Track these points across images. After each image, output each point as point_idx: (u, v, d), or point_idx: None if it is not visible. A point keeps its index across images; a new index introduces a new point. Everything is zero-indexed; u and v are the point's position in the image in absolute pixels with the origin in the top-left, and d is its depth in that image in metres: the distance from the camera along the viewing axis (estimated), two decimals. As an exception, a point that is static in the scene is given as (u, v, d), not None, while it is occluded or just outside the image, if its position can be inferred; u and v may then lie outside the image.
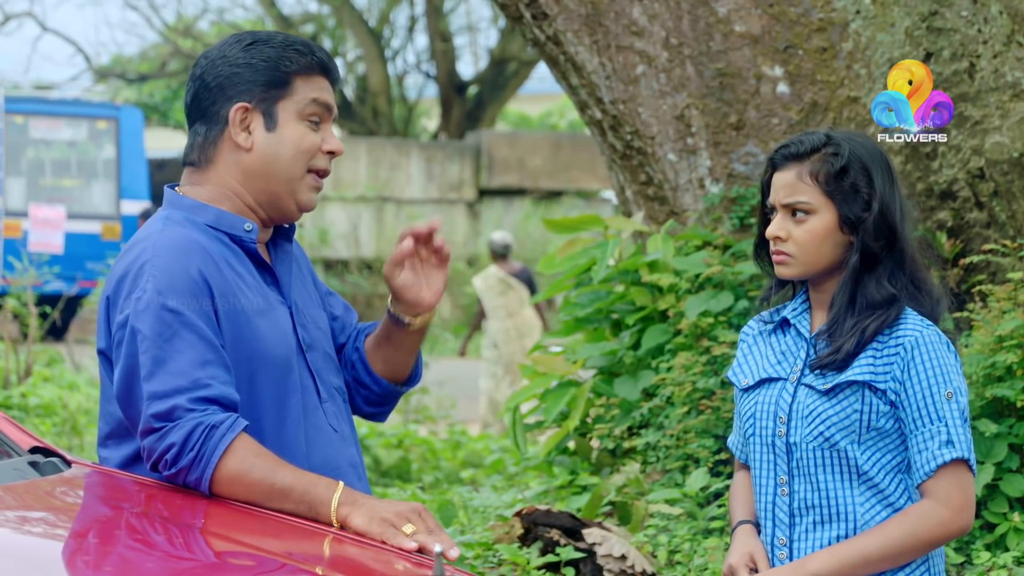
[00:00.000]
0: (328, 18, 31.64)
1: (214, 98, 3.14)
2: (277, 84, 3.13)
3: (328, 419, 3.19)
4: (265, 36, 3.18)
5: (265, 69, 3.13)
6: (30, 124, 21.95)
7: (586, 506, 5.93)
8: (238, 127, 3.13)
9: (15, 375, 11.41)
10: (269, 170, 3.13)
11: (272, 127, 3.13)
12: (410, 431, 10.85)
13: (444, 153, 25.94)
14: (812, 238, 3.27)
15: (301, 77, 3.14)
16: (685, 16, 6.46)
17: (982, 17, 5.96)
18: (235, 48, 3.15)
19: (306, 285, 3.32)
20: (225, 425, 2.91)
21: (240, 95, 3.12)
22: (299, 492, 2.90)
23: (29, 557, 2.54)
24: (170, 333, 2.96)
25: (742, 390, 3.40)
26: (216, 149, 3.15)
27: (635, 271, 6.36)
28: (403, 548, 2.79)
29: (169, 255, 3.03)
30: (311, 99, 3.14)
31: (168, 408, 2.92)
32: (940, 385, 3.20)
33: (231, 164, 3.14)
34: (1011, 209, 5.96)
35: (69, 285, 19.10)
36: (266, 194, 3.15)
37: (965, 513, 3.21)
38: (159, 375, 2.93)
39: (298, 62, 3.14)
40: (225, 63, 3.14)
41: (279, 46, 3.15)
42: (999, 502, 5.18)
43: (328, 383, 3.24)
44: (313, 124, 3.16)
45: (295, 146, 3.13)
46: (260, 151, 3.13)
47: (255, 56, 3.14)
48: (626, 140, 6.57)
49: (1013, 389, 5.16)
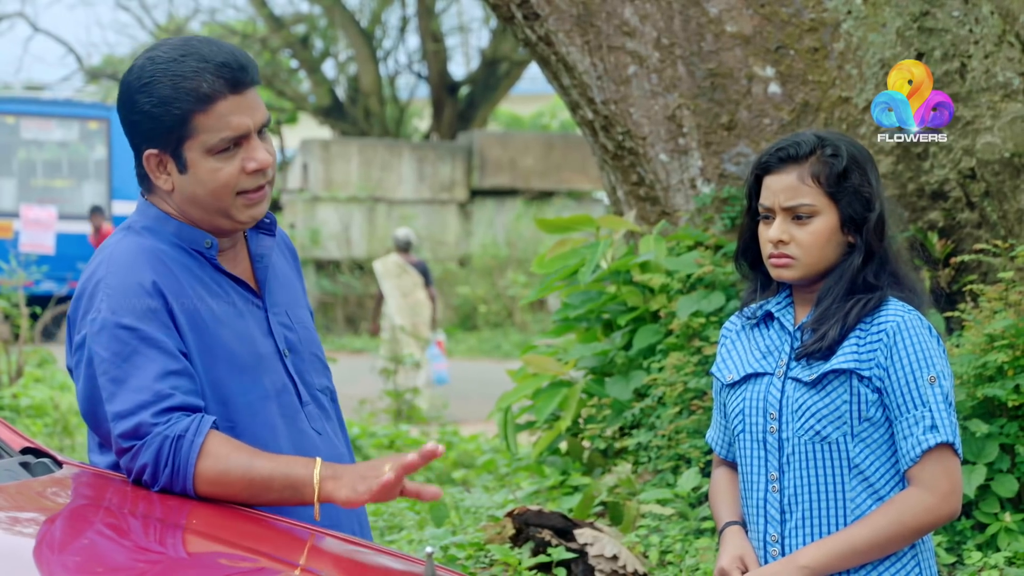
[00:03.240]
0: (320, 18, 31.63)
1: (131, 139, 3.08)
2: (176, 127, 3.01)
3: (311, 422, 3.16)
4: (161, 67, 3.01)
5: (160, 116, 3.00)
6: (21, 125, 21.95)
7: (578, 506, 5.93)
8: (156, 172, 3.07)
9: (6, 376, 11.40)
10: (196, 203, 3.07)
11: (183, 170, 3.04)
12: (401, 432, 10.85)
13: (436, 153, 25.93)
14: (816, 240, 3.28)
15: (200, 114, 3.00)
16: (676, 16, 6.46)
17: (973, 17, 5.97)
18: (135, 88, 3.02)
19: (291, 283, 3.29)
20: (191, 431, 2.88)
21: (147, 143, 3.04)
22: (279, 479, 2.88)
23: (20, 557, 2.54)
24: (128, 351, 2.93)
25: (727, 386, 3.40)
26: (150, 183, 3.11)
27: (627, 271, 6.36)
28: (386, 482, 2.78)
29: (122, 271, 3.00)
30: (218, 136, 3.01)
31: (134, 426, 2.90)
32: (923, 370, 3.21)
33: (165, 196, 3.10)
34: (1002, 209, 5.97)
35: (60, 285, 19.11)
36: (206, 222, 3.10)
37: (952, 499, 3.21)
38: (120, 394, 2.91)
39: (193, 96, 2.99)
40: (129, 109, 3.04)
41: (171, 83, 3.00)
42: (990, 502, 5.18)
43: (311, 384, 3.20)
44: (226, 153, 3.03)
45: (211, 184, 3.04)
46: (180, 191, 3.07)
47: (148, 102, 3.00)
48: (618, 140, 6.57)
49: (1004, 389, 5.16)
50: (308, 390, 3.19)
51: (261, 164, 3.05)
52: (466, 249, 25.37)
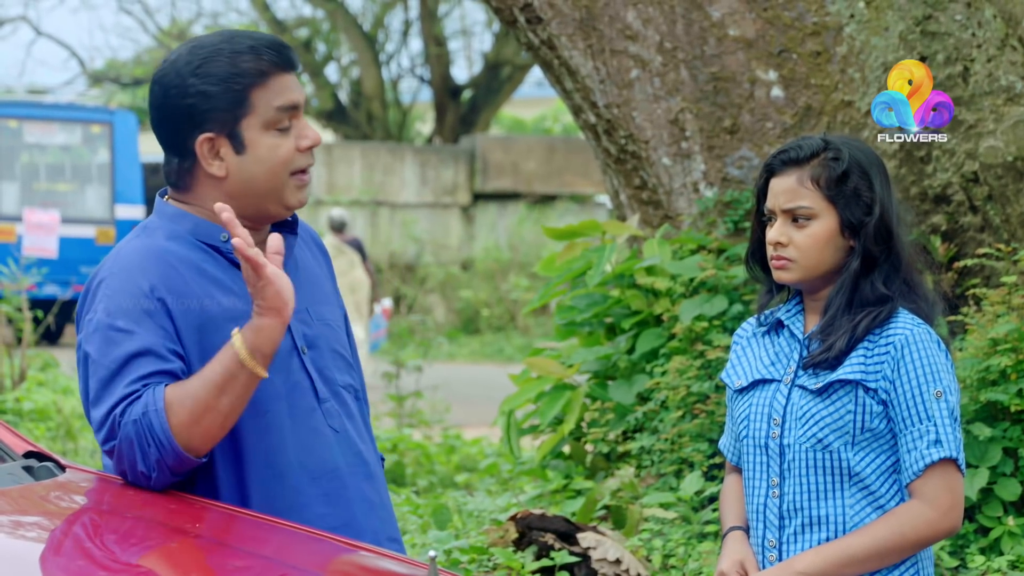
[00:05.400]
0: (323, 22, 31.64)
1: (177, 130, 3.05)
2: (235, 105, 3.02)
3: (328, 419, 3.12)
4: (211, 49, 3.04)
5: (219, 93, 3.01)
6: (24, 128, 21.96)
7: (580, 510, 5.93)
8: (208, 158, 3.05)
9: (9, 379, 11.39)
10: (250, 189, 3.06)
11: (241, 149, 3.04)
12: (404, 435, 10.84)
13: (438, 157, 25.94)
14: (814, 243, 3.28)
15: (258, 88, 3.03)
16: (679, 20, 6.46)
17: (976, 21, 5.97)
18: (186, 73, 3.03)
19: (317, 281, 3.26)
20: (151, 403, 2.87)
21: (201, 126, 3.03)
22: (221, 374, 2.87)
23: (23, 561, 2.54)
24: (118, 353, 2.93)
25: (736, 391, 3.41)
26: (192, 177, 3.09)
27: (630, 275, 6.36)
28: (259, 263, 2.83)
29: (123, 272, 3.00)
30: (274, 108, 3.04)
31: (108, 428, 2.90)
32: (929, 384, 3.21)
33: (211, 189, 3.08)
34: (1005, 213, 5.97)
35: (63, 289, 19.12)
36: (253, 208, 3.08)
37: (953, 514, 3.21)
38: (104, 398, 2.92)
39: (251, 73, 3.03)
40: (179, 93, 3.03)
41: (228, 61, 3.02)
42: (993, 506, 5.18)
43: (332, 381, 3.16)
44: (282, 130, 3.06)
45: (270, 161, 3.05)
46: (235, 175, 3.05)
47: (206, 80, 3.01)
48: (620, 144, 6.58)
49: (1007, 393, 5.16)
50: (329, 386, 3.15)
51: (314, 140, 3.09)
52: (468, 253, 25.36)
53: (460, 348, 22.32)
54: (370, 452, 3.20)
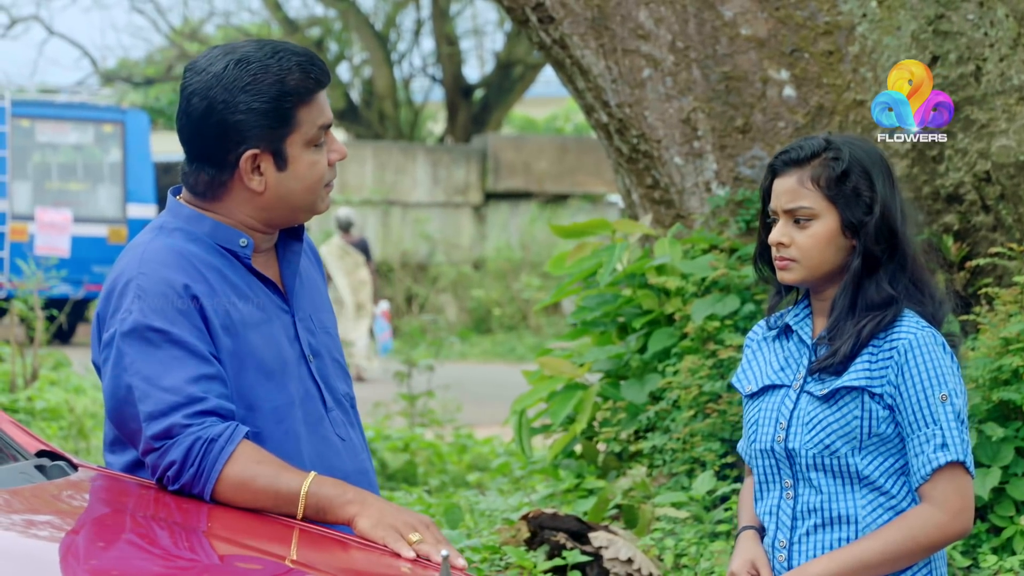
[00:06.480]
0: (334, 21, 31.66)
1: (220, 144, 3.05)
2: (283, 123, 3.04)
3: (335, 428, 3.16)
4: (259, 65, 3.04)
5: (270, 111, 3.03)
6: (36, 128, 21.98)
7: (592, 509, 5.93)
8: (250, 173, 3.07)
9: (21, 379, 11.41)
10: (284, 203, 3.10)
11: (283, 166, 3.06)
12: (416, 435, 10.85)
13: (450, 157, 25.94)
14: (815, 243, 3.28)
15: (303, 106, 3.06)
16: (691, 19, 6.46)
17: (988, 20, 5.96)
18: (235, 89, 3.02)
19: (316, 288, 3.29)
20: (224, 436, 2.89)
21: (248, 142, 3.04)
22: (280, 488, 2.89)
23: (36, 560, 2.55)
24: (159, 353, 2.94)
25: (747, 396, 3.41)
26: (226, 190, 3.09)
27: (642, 275, 6.36)
28: (402, 555, 2.78)
29: (154, 271, 3.01)
30: (317, 126, 3.08)
31: (166, 427, 2.91)
32: (935, 388, 3.21)
33: (243, 202, 3.09)
34: (1017, 212, 5.96)
35: (75, 289, 19.15)
36: (281, 218, 3.12)
37: (963, 517, 3.21)
38: (153, 395, 2.92)
39: (298, 92, 3.04)
40: (227, 108, 3.02)
41: (278, 78, 3.03)
42: (1006, 506, 5.18)
43: (335, 390, 3.20)
44: (319, 146, 3.09)
45: (309, 178, 3.09)
46: (273, 190, 3.08)
47: (257, 98, 3.02)
48: (632, 143, 6.58)
49: (1019, 393, 5.15)
50: (333, 395, 3.19)
51: (342, 155, 3.14)
52: (480, 252, 25.36)
53: (472, 347, 22.33)
54: (368, 462, 3.26)
